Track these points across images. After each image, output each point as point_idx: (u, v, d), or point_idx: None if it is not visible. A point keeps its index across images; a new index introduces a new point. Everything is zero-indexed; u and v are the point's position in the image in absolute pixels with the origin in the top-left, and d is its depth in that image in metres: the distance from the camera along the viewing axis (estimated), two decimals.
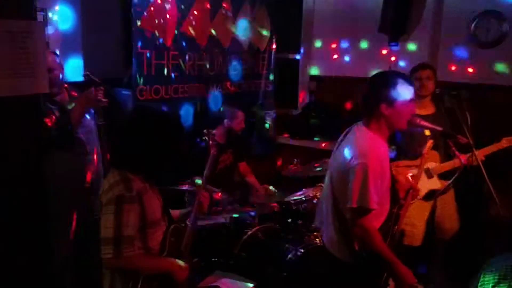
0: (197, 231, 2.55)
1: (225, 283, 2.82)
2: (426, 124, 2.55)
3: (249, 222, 3.58)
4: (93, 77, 3.12)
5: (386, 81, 2.31)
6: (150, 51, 3.67)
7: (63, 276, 3.05)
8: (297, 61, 5.46)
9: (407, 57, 4.58)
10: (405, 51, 4.61)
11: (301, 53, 5.39)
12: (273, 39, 5.04)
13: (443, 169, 3.36)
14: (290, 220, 3.65)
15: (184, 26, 3.95)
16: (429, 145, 2.64)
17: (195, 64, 4.15)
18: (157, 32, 3.70)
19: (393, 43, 4.61)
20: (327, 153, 2.80)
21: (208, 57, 4.28)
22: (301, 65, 5.42)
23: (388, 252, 2.26)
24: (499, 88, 4.17)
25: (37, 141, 2.54)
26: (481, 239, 3.77)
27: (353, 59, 5.00)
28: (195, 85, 4.19)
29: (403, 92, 2.26)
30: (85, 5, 3.97)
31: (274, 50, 5.07)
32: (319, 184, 3.73)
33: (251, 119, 4.78)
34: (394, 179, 2.48)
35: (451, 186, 3.48)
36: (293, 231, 3.56)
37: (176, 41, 3.90)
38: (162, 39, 3.76)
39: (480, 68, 4.27)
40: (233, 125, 4.02)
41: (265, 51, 4.98)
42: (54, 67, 3.05)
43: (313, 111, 5.19)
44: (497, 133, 3.39)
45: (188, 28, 4.00)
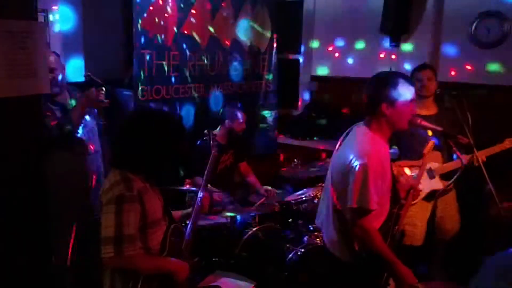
0: (197, 231, 2.55)
1: (225, 283, 2.82)
2: (426, 124, 2.55)
3: (249, 222, 3.58)
4: (94, 78, 3.12)
5: (387, 81, 2.31)
6: (150, 52, 3.67)
7: (63, 276, 3.05)
8: (297, 61, 5.46)
9: (407, 57, 4.58)
10: (406, 52, 4.61)
11: (302, 54, 5.40)
12: (274, 39, 5.04)
13: (445, 169, 3.35)
14: (290, 220, 3.65)
15: (184, 26, 3.96)
16: (430, 145, 2.64)
17: (196, 64, 4.15)
18: (157, 32, 3.70)
19: (394, 43, 4.61)
20: (328, 153, 2.81)
21: (208, 58, 4.28)
22: (301, 66, 5.43)
23: (388, 252, 2.26)
24: (499, 88, 4.17)
25: (37, 141, 2.55)
26: (481, 239, 3.76)
27: (354, 59, 5.00)
28: (196, 85, 4.19)
29: (404, 92, 2.26)
30: (86, 5, 3.98)
31: (274, 50, 5.06)
32: (319, 184, 3.73)
33: (252, 120, 4.77)
34: (395, 179, 2.48)
35: (452, 186, 3.47)
36: (293, 231, 3.56)
37: (176, 41, 3.91)
38: (162, 39, 3.76)
39: (480, 68, 4.26)
40: (234, 125, 4.02)
41: (265, 52, 4.98)
42: (55, 67, 3.06)
43: (313, 111, 5.19)
44: (498, 133, 3.39)
45: (188, 28, 4.00)
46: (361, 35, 4.88)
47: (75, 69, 3.86)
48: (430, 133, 3.16)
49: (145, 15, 3.57)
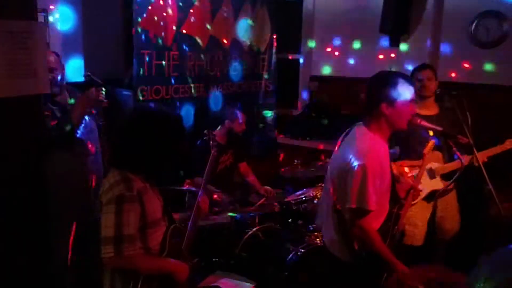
0: (197, 231, 2.55)
1: (225, 283, 2.82)
2: (426, 124, 2.55)
3: (249, 222, 3.58)
4: (94, 78, 3.12)
5: (386, 81, 2.31)
6: (150, 52, 3.67)
7: (63, 276, 3.05)
8: (297, 61, 5.46)
9: (407, 57, 4.58)
10: (405, 52, 4.61)
11: (301, 54, 5.40)
12: (273, 39, 5.04)
13: (446, 169, 3.34)
14: (290, 220, 3.65)
15: (184, 26, 3.96)
16: (430, 145, 2.64)
17: (196, 64, 4.15)
18: (157, 32, 3.70)
19: (394, 43, 4.61)
20: (328, 153, 2.81)
21: (208, 58, 4.28)
22: (301, 66, 5.43)
23: (387, 252, 2.26)
24: (499, 88, 4.17)
25: (37, 141, 2.55)
26: (481, 239, 3.76)
27: (354, 59, 5.00)
28: (196, 85, 4.19)
29: (404, 92, 2.26)
30: (86, 5, 3.98)
31: (274, 50, 5.07)
32: (319, 184, 3.73)
33: (252, 120, 4.78)
34: (395, 178, 2.48)
35: (453, 187, 3.47)
36: (293, 231, 3.56)
37: (176, 42, 3.91)
38: (162, 39, 3.76)
39: (480, 68, 4.27)
40: (234, 126, 4.02)
41: (265, 52, 4.98)
42: (55, 67, 3.06)
43: (313, 111, 5.19)
44: (498, 133, 3.38)
45: (188, 28, 4.00)
46: (361, 35, 4.88)
47: (75, 69, 3.86)
48: (431, 133, 3.16)
49: (145, 15, 3.57)
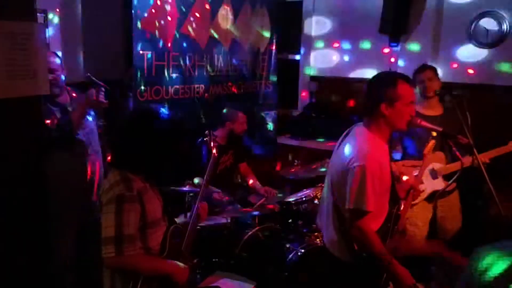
0: (197, 232, 2.55)
1: (225, 283, 2.82)
2: (426, 124, 2.55)
3: (249, 222, 3.58)
4: (94, 78, 3.12)
5: (386, 81, 2.31)
6: (150, 52, 3.67)
7: (63, 276, 3.05)
8: (297, 61, 5.46)
9: (407, 57, 4.58)
10: (405, 52, 4.61)
11: (301, 54, 5.40)
12: (274, 40, 5.04)
13: (448, 170, 3.33)
14: (290, 220, 3.65)
15: (184, 27, 3.96)
16: (430, 145, 2.64)
17: (196, 65, 4.16)
18: (157, 33, 3.70)
19: (393, 43, 4.61)
20: (328, 154, 2.80)
21: (208, 58, 4.28)
22: (301, 66, 5.43)
23: (386, 253, 2.26)
24: (499, 88, 4.17)
25: (37, 141, 2.55)
26: (481, 239, 3.76)
27: (353, 59, 5.00)
28: (196, 85, 4.19)
29: (403, 92, 2.26)
30: (86, 6, 3.98)
31: (274, 50, 5.07)
32: (319, 184, 3.73)
33: (252, 120, 4.77)
34: (397, 178, 2.48)
35: (455, 187, 3.46)
36: (293, 231, 3.56)
37: (176, 42, 3.91)
38: (162, 40, 3.76)
39: (480, 68, 4.27)
40: (235, 126, 4.02)
41: (265, 52, 4.98)
42: (56, 68, 3.06)
43: (313, 111, 5.19)
44: (498, 133, 3.38)
45: (188, 29, 4.00)
46: (361, 35, 4.88)
47: (74, 70, 3.86)
48: (434, 133, 3.15)
49: (145, 15, 3.57)
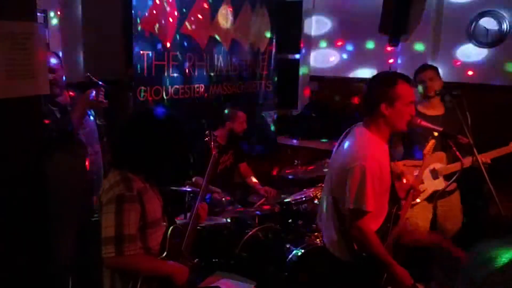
0: (197, 232, 2.54)
1: (225, 284, 2.82)
2: (426, 124, 2.55)
3: (249, 222, 3.58)
4: (94, 78, 3.12)
5: (386, 81, 2.31)
6: (150, 52, 3.67)
7: (63, 276, 3.05)
8: (297, 61, 5.46)
9: (407, 57, 4.58)
10: (405, 51, 4.61)
11: (301, 53, 5.40)
12: (273, 39, 5.04)
13: (449, 170, 3.33)
14: (290, 220, 3.65)
15: (184, 27, 3.96)
16: (430, 145, 2.64)
17: (196, 65, 4.16)
18: (157, 33, 3.70)
19: (393, 43, 4.61)
20: (328, 154, 2.81)
21: (208, 58, 4.28)
22: (301, 65, 5.43)
23: (384, 253, 2.26)
24: (499, 88, 4.17)
25: (37, 141, 2.55)
26: (481, 239, 3.76)
27: (353, 59, 5.00)
28: (196, 85, 4.19)
29: (403, 92, 2.26)
30: (86, 6, 3.97)
31: (274, 50, 5.07)
32: (319, 184, 3.73)
33: (252, 120, 4.77)
34: (399, 178, 2.48)
35: (456, 187, 3.46)
36: (293, 231, 3.56)
37: (176, 42, 3.91)
38: (162, 40, 3.77)
39: (480, 68, 4.27)
40: (235, 126, 4.02)
41: (265, 52, 4.98)
42: (56, 68, 3.06)
43: (313, 111, 5.19)
44: (498, 133, 3.38)
45: (188, 29, 4.00)
46: (361, 35, 4.88)
47: (74, 70, 3.85)
48: (436, 133, 3.15)
49: (145, 15, 3.57)
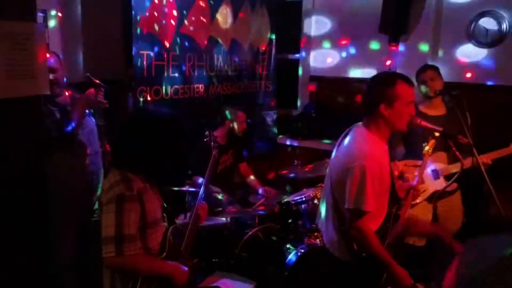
0: (197, 232, 2.55)
1: (225, 283, 2.82)
2: (426, 124, 2.55)
3: (249, 222, 3.58)
4: (93, 78, 3.12)
5: (386, 81, 2.32)
6: (150, 52, 3.67)
7: (63, 276, 3.05)
8: (297, 61, 5.46)
9: (407, 57, 4.58)
10: (405, 52, 4.61)
11: (301, 53, 5.40)
12: (273, 39, 5.04)
13: (450, 170, 3.33)
14: (290, 220, 3.65)
15: (184, 27, 3.96)
16: (430, 145, 2.64)
17: (195, 65, 4.15)
18: (157, 33, 3.70)
19: (393, 43, 4.61)
20: (327, 154, 2.80)
21: (208, 58, 4.28)
22: (301, 65, 5.43)
23: (384, 254, 2.26)
24: (499, 88, 4.17)
25: (37, 141, 2.55)
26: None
27: (353, 59, 5.00)
28: (195, 85, 4.19)
29: (403, 92, 2.26)
30: (86, 6, 3.97)
31: (274, 50, 5.07)
32: (319, 184, 3.73)
33: (251, 120, 4.77)
34: (399, 177, 2.48)
35: (457, 187, 3.46)
36: (293, 231, 3.56)
37: (176, 42, 3.91)
38: (162, 40, 3.76)
39: (480, 68, 4.27)
40: (235, 126, 4.02)
41: (265, 52, 4.98)
42: (57, 68, 3.06)
43: (313, 111, 5.19)
44: (498, 133, 3.38)
45: (188, 28, 4.00)
46: (360, 35, 4.88)
47: (74, 70, 3.85)
48: (437, 133, 3.14)
49: (145, 15, 3.57)
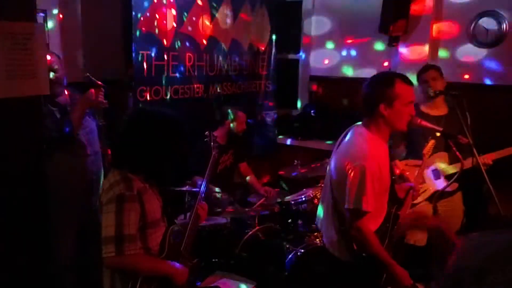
0: (197, 232, 2.55)
1: (225, 283, 2.82)
2: (426, 124, 2.55)
3: (249, 222, 3.58)
4: (93, 78, 3.12)
5: (385, 81, 2.32)
6: (150, 52, 3.67)
7: (64, 276, 3.06)
8: (297, 61, 5.46)
9: (407, 57, 4.57)
10: (405, 51, 4.61)
11: (301, 54, 5.40)
12: (273, 39, 5.04)
13: (451, 170, 3.33)
14: (290, 220, 3.66)
15: (184, 27, 3.96)
16: (430, 145, 2.65)
17: (195, 64, 4.15)
18: (157, 33, 3.70)
19: (393, 43, 4.61)
20: (327, 154, 2.80)
21: (208, 58, 4.28)
22: (301, 66, 5.43)
23: (384, 254, 2.26)
24: (499, 88, 4.17)
25: (37, 141, 2.55)
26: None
27: (353, 59, 5.00)
28: (195, 85, 4.19)
29: (402, 92, 2.26)
30: (86, 6, 3.98)
31: (274, 50, 5.07)
32: (319, 184, 3.73)
33: (251, 120, 4.77)
34: (399, 178, 2.48)
35: (458, 188, 3.46)
36: (293, 231, 3.56)
37: (176, 42, 3.91)
38: (162, 40, 3.76)
39: (479, 68, 4.27)
40: (234, 125, 4.02)
41: (265, 52, 4.98)
42: (58, 67, 3.06)
43: (313, 111, 5.18)
44: (498, 133, 3.39)
45: (188, 28, 4.00)
46: (360, 35, 4.88)
47: (74, 70, 3.85)
48: (438, 133, 3.14)
49: (145, 15, 3.57)
